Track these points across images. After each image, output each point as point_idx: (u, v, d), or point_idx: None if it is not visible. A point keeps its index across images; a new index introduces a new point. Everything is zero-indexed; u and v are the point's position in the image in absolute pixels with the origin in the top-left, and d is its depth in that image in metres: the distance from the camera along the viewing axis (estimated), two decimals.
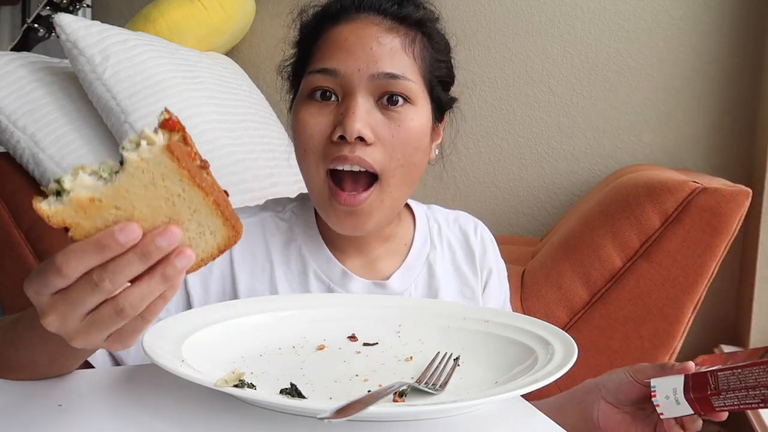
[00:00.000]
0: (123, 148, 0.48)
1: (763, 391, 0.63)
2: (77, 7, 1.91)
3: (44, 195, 0.49)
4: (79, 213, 0.48)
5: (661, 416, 0.71)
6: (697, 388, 0.68)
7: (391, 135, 0.82)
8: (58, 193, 0.48)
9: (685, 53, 1.89)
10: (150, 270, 0.50)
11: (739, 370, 0.65)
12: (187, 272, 0.52)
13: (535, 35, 1.99)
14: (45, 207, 0.48)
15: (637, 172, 1.47)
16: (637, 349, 1.27)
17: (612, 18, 1.94)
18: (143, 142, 0.48)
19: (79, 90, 1.52)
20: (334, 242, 0.92)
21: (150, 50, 1.52)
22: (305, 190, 0.91)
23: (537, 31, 1.99)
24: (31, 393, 0.65)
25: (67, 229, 0.49)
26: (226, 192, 0.52)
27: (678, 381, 0.70)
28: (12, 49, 1.88)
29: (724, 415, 0.68)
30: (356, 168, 0.81)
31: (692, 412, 0.69)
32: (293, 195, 0.99)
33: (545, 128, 2.01)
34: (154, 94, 1.46)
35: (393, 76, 0.82)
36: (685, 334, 1.28)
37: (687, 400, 0.69)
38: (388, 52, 0.82)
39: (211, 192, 0.50)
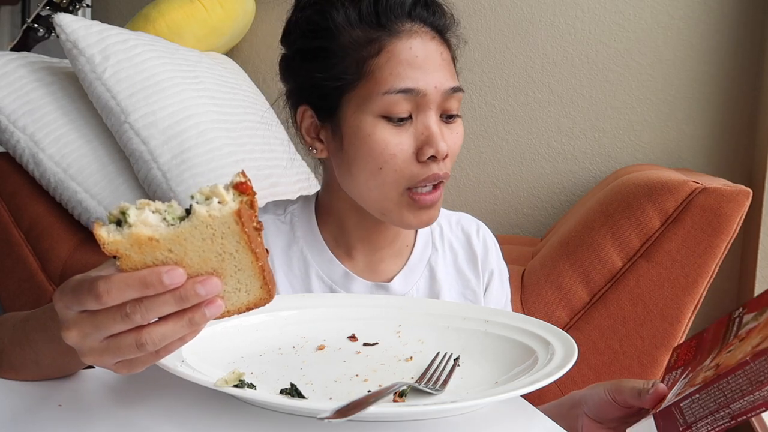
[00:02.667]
0: (193, 198, 0.50)
1: (727, 411, 0.61)
2: (77, 7, 1.91)
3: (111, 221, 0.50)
4: (134, 247, 0.50)
5: None
6: (668, 429, 0.65)
7: (454, 144, 0.86)
8: (119, 223, 0.50)
9: (685, 53, 1.89)
10: (180, 312, 0.51)
11: (697, 395, 0.62)
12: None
13: (535, 35, 1.99)
14: (104, 234, 0.49)
15: (637, 172, 1.46)
16: (637, 349, 1.27)
17: (612, 18, 1.94)
18: (215, 200, 0.50)
19: (79, 90, 1.52)
20: (338, 243, 0.92)
21: (150, 50, 1.52)
22: (305, 191, 0.91)
23: (537, 31, 1.99)
24: (31, 393, 0.65)
25: (114, 257, 0.50)
26: (267, 251, 0.54)
27: (650, 426, 0.67)
28: (12, 49, 1.87)
29: None
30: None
31: None
32: (293, 195, 0.99)
33: (545, 128, 2.01)
34: (154, 94, 1.46)
35: (458, 90, 0.85)
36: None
37: None
38: (448, 65, 0.85)
39: (261, 257, 0.52)
